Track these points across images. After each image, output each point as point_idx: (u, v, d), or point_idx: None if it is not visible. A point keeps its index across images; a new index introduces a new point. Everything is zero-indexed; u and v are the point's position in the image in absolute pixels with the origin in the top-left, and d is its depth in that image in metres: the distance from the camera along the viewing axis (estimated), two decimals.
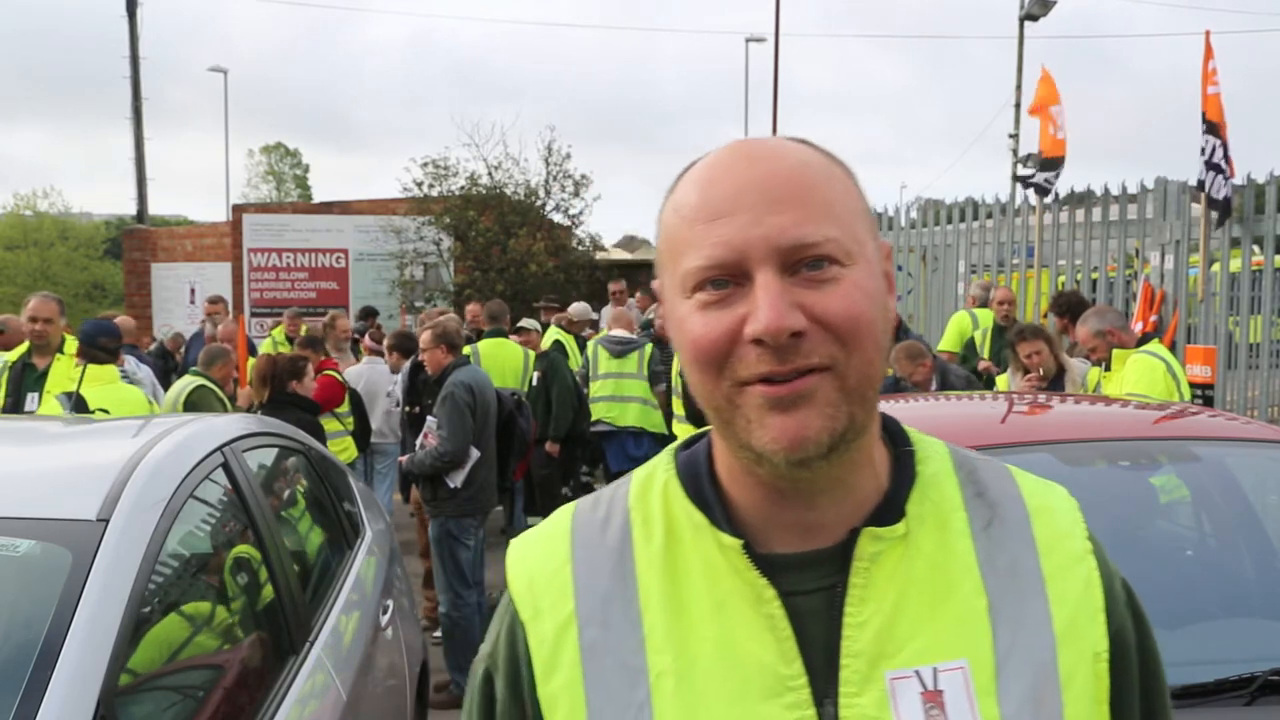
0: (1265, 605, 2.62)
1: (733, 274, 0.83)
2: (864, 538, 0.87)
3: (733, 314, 0.83)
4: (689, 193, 0.87)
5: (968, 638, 0.86)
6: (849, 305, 0.83)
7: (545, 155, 14.73)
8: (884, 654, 0.85)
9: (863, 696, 0.84)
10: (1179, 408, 3.63)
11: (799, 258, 0.82)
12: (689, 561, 0.89)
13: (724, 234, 0.83)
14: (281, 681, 2.41)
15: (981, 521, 0.91)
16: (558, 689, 0.88)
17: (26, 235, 37.07)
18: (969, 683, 0.84)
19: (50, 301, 5.44)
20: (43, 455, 2.67)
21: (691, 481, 0.93)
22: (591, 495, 0.99)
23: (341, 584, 3.20)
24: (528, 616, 0.91)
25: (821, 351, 0.82)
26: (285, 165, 52.46)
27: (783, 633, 0.85)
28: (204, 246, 16.49)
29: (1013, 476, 0.96)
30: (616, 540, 0.92)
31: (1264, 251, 8.64)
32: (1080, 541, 0.93)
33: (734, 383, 0.83)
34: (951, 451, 0.97)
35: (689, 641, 0.87)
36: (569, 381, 7.81)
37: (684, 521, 0.91)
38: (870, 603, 0.86)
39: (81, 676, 1.73)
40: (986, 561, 0.89)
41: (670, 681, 0.86)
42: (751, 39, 32.80)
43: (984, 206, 10.68)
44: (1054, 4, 21.37)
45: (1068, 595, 0.89)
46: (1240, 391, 9.08)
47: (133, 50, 20.76)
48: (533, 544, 0.96)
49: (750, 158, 0.86)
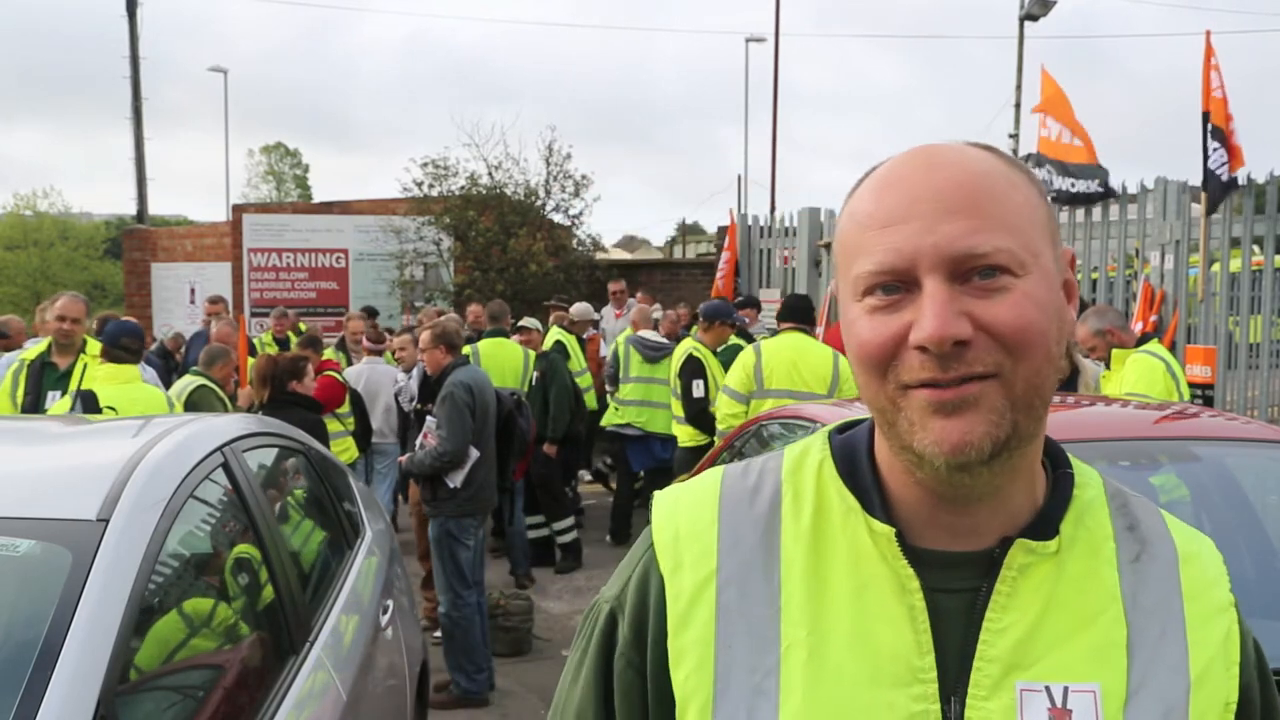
0: (1265, 605, 2.62)
1: (902, 280, 0.84)
2: (1016, 548, 0.88)
3: (900, 319, 0.84)
4: (866, 198, 0.88)
5: (1103, 664, 0.87)
6: (1018, 315, 0.83)
7: (545, 155, 14.73)
8: (1018, 664, 0.86)
9: (990, 701, 0.85)
10: (1179, 408, 3.63)
11: (970, 266, 0.83)
12: (835, 542, 0.91)
13: (895, 240, 0.84)
14: (281, 681, 2.41)
15: (1130, 554, 0.92)
16: (688, 643, 0.89)
17: (26, 235, 37.08)
18: (1098, 707, 0.85)
19: (79, 302, 5.51)
20: (43, 455, 2.67)
21: (847, 465, 0.94)
22: (742, 463, 1.00)
23: (341, 584, 3.20)
24: (668, 569, 0.92)
25: (987, 360, 0.83)
26: (285, 165, 52.48)
27: (921, 625, 0.87)
28: (204, 246, 16.47)
29: (1163, 518, 0.97)
30: (765, 510, 0.94)
31: (1264, 251, 8.64)
32: (1225, 594, 0.94)
33: (898, 386, 0.85)
34: (1105, 482, 0.98)
35: (825, 619, 0.88)
36: (567, 382, 7.81)
37: (835, 503, 0.92)
38: (1013, 611, 0.87)
39: (81, 676, 1.73)
40: (1130, 595, 0.90)
41: (801, 653, 0.87)
42: (751, 39, 32.81)
43: None
44: (1054, 4, 21.35)
45: (1208, 642, 0.90)
46: (1240, 391, 9.08)
47: (133, 50, 20.75)
48: (682, 500, 0.97)
49: (930, 165, 0.87)
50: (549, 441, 7.60)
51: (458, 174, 14.54)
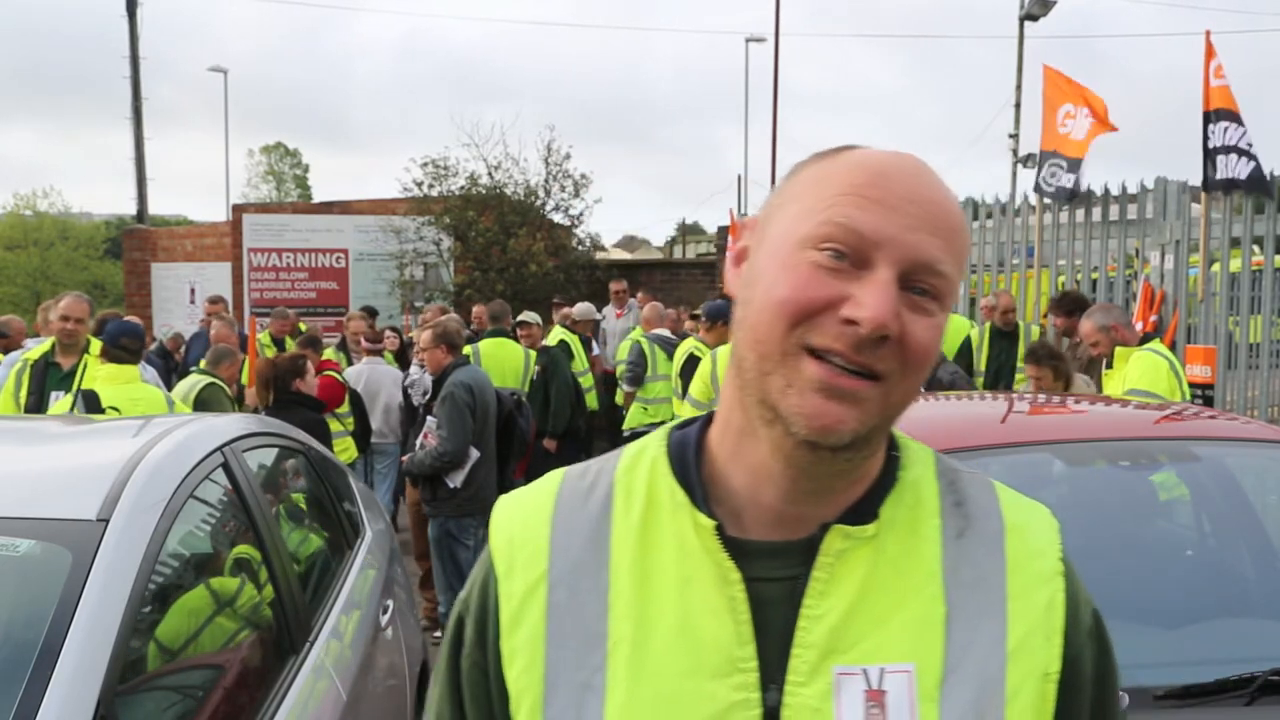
0: (1265, 605, 2.62)
1: (857, 253, 0.85)
2: (832, 534, 0.90)
3: (837, 287, 0.85)
4: (855, 172, 0.89)
5: (920, 643, 0.88)
6: (930, 339, 0.87)
7: (545, 155, 14.73)
8: (835, 649, 0.87)
9: (808, 687, 0.87)
10: (1179, 407, 3.63)
11: (918, 278, 0.86)
12: (663, 537, 0.92)
13: (879, 218, 0.86)
14: (281, 681, 2.41)
15: (954, 530, 0.93)
16: (519, 644, 0.92)
17: (26, 235, 37.11)
18: (913, 686, 0.87)
19: (82, 302, 5.53)
20: (43, 455, 2.67)
21: (679, 460, 0.95)
22: (583, 464, 1.02)
23: (341, 584, 3.20)
24: (502, 572, 0.95)
25: (889, 363, 0.85)
26: (285, 165, 52.49)
27: (741, 615, 0.88)
28: (204, 246, 16.47)
29: (995, 491, 0.98)
30: (597, 509, 0.95)
31: (1264, 251, 8.64)
32: (1051, 563, 0.94)
33: (800, 343, 0.85)
34: (937, 459, 0.99)
35: (651, 614, 0.89)
36: (568, 378, 7.82)
37: (665, 498, 0.94)
38: (830, 597, 0.88)
39: (81, 676, 1.73)
40: (951, 571, 0.91)
41: (626, 649, 0.89)
42: (751, 39, 32.83)
43: (984, 206, 10.68)
44: (1054, 4, 21.37)
45: (1027, 613, 0.90)
46: (1240, 391, 9.07)
47: (132, 50, 20.75)
48: (518, 503, 1.00)
49: (918, 176, 0.89)
50: (549, 436, 7.60)
51: (457, 174, 14.55)
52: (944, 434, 2.93)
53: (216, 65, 41.48)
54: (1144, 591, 2.54)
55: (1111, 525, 2.80)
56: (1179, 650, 2.34)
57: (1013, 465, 2.93)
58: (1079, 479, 2.96)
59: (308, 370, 6.03)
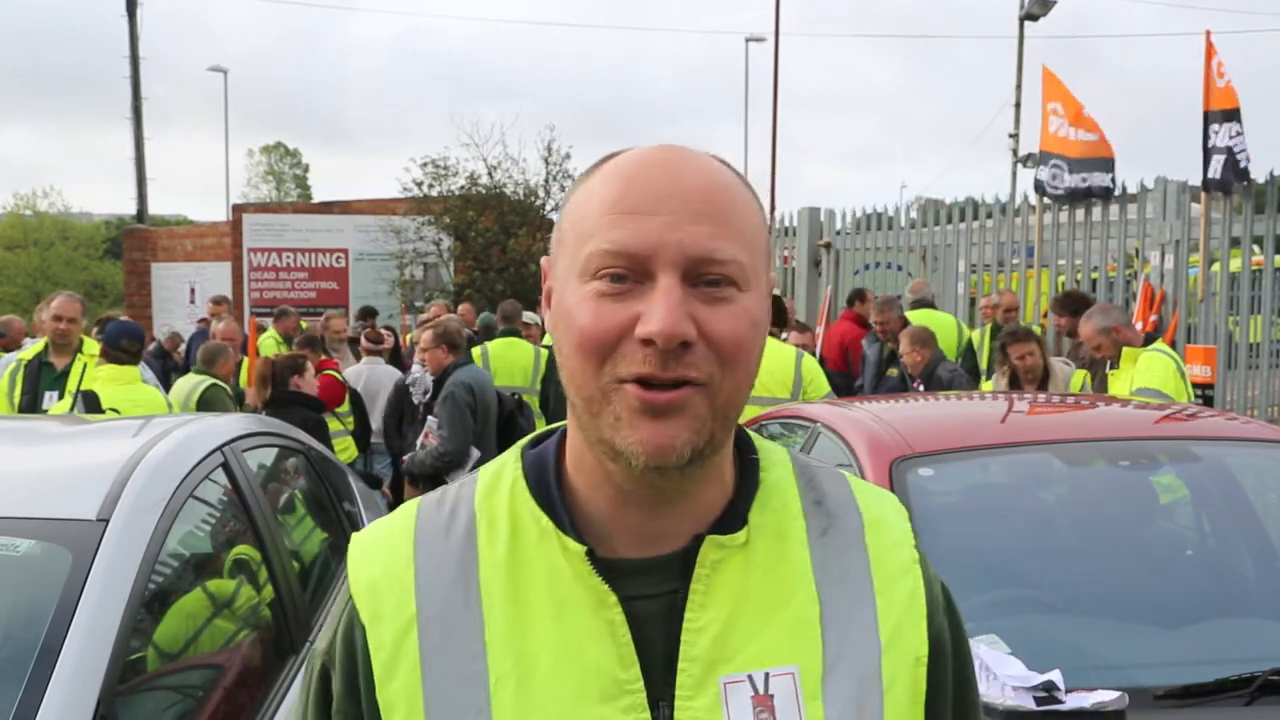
0: (1265, 605, 2.62)
1: (635, 269, 0.83)
2: (706, 545, 0.89)
3: (627, 310, 0.83)
4: (610, 184, 0.87)
5: (799, 644, 0.88)
6: (737, 329, 0.84)
7: (545, 155, 14.74)
8: (719, 659, 0.87)
9: (697, 700, 0.86)
10: (1179, 407, 3.63)
11: (703, 272, 0.84)
12: (533, 565, 0.90)
13: (639, 229, 0.83)
14: (281, 681, 2.41)
15: (818, 529, 0.93)
16: (396, 693, 0.88)
17: (26, 235, 37.10)
18: (798, 687, 0.87)
19: (75, 301, 5.52)
20: (43, 455, 2.67)
21: (538, 483, 0.93)
22: (437, 491, 0.98)
23: (341, 584, 3.20)
24: (368, 619, 0.91)
25: (702, 367, 0.83)
26: (285, 165, 52.50)
27: (622, 638, 0.87)
28: (204, 246, 16.48)
29: (849, 484, 0.99)
30: (460, 542, 0.92)
31: (1264, 251, 8.64)
32: (908, 552, 0.95)
33: (613, 378, 0.83)
34: (793, 458, 0.99)
35: (529, 645, 0.87)
36: None
37: (529, 524, 0.91)
38: (710, 609, 0.88)
39: (81, 676, 1.73)
40: (821, 569, 0.91)
41: (510, 685, 0.86)
42: (751, 39, 32.83)
43: (984, 206, 10.68)
44: (1054, 3, 21.37)
45: (894, 604, 0.92)
46: (1240, 391, 9.07)
47: (133, 50, 20.76)
48: (375, 544, 0.95)
49: (679, 166, 0.87)
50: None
51: (457, 174, 14.57)
52: (944, 434, 2.93)
53: (216, 65, 41.46)
54: (1144, 591, 2.53)
55: (1111, 525, 2.80)
56: (1179, 650, 2.34)
57: (1013, 465, 2.93)
58: (1079, 479, 2.96)
59: (307, 369, 6.01)
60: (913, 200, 17.06)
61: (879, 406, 3.26)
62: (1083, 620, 2.42)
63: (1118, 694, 1.96)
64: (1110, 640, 2.33)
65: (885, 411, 3.06)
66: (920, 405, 3.91)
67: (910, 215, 11.89)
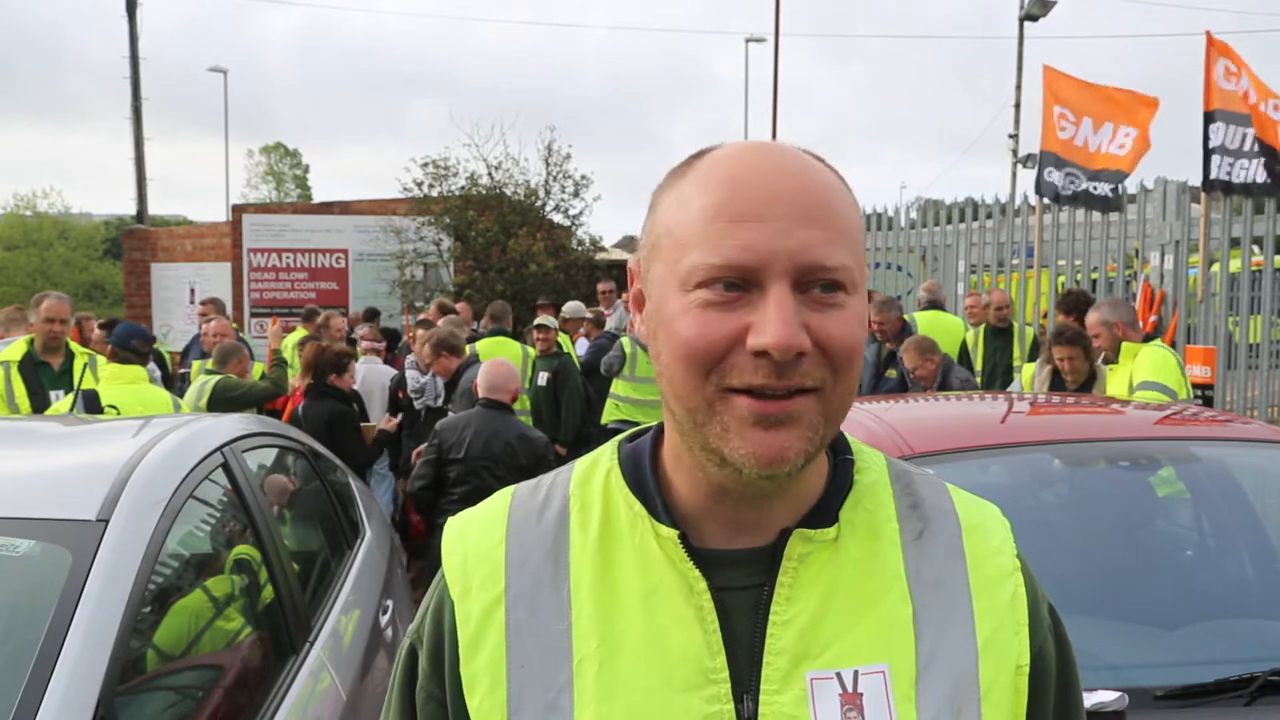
0: (1265, 605, 2.62)
1: (746, 279, 0.82)
2: (795, 539, 0.89)
3: (736, 320, 0.82)
4: (710, 187, 0.84)
5: (890, 643, 0.87)
6: (849, 333, 0.83)
7: (545, 156, 14.74)
8: (807, 654, 0.86)
9: (783, 694, 0.85)
10: (1179, 407, 3.63)
11: (814, 278, 0.82)
12: (623, 550, 0.90)
13: (748, 238, 0.81)
14: (281, 681, 2.41)
15: (913, 532, 0.93)
16: (480, 668, 0.88)
17: (26, 235, 37.10)
18: (889, 687, 0.86)
19: (65, 303, 5.58)
20: (43, 455, 2.67)
21: (633, 473, 0.93)
22: (534, 480, 0.99)
23: (341, 584, 3.20)
24: (457, 594, 0.92)
25: (815, 374, 0.82)
26: (285, 165, 52.49)
27: (710, 625, 0.86)
28: (204, 246, 16.46)
29: (949, 492, 0.98)
30: (553, 525, 0.93)
31: (1264, 251, 8.64)
32: (1009, 559, 0.95)
33: (720, 388, 0.82)
34: (890, 463, 0.99)
35: (616, 628, 0.87)
36: (578, 385, 7.82)
37: (622, 511, 0.91)
38: (796, 602, 0.87)
39: (81, 676, 1.73)
40: (914, 571, 0.90)
41: (593, 666, 0.86)
42: (751, 39, 32.83)
43: (984, 206, 10.68)
44: (1054, 4, 21.38)
45: (993, 608, 0.91)
46: (1240, 391, 9.08)
47: (132, 50, 20.74)
48: (470, 523, 0.97)
49: (781, 167, 0.85)
50: (559, 444, 7.61)
51: (457, 174, 14.56)
52: (944, 434, 2.93)
53: (216, 65, 41.47)
54: (1144, 591, 2.53)
55: (1111, 525, 2.80)
56: (1179, 650, 2.34)
57: (1013, 465, 2.93)
58: (1079, 479, 2.95)
59: (348, 369, 6.13)
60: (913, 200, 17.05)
61: (878, 407, 3.26)
62: (1082, 620, 2.42)
63: (1118, 694, 1.96)
64: (1110, 640, 2.33)
65: (884, 412, 3.06)
66: (919, 405, 3.91)
67: (910, 215, 11.90)
